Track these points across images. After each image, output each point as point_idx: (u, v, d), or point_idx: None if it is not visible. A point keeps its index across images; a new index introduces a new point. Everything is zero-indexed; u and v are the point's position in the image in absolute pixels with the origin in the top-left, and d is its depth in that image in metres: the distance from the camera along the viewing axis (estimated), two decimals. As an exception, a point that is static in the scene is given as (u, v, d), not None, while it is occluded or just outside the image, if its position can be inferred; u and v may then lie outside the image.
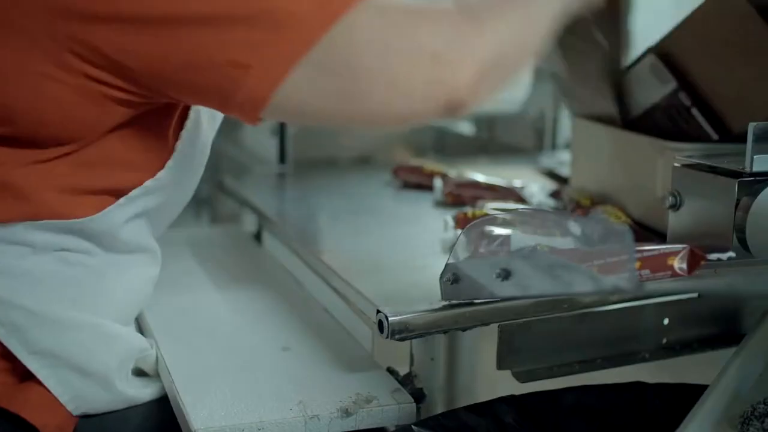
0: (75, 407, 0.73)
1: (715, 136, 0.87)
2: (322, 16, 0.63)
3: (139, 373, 0.80)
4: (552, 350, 0.81)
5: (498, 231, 0.72)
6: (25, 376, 0.72)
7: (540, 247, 0.69)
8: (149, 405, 0.78)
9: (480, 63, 0.66)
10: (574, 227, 0.74)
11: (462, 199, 1.09)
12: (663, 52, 0.94)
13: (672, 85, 0.90)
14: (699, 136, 0.88)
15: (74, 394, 0.73)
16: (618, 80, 0.97)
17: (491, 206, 1.09)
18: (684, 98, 0.89)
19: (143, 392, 0.78)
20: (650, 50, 0.95)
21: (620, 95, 0.97)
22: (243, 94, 0.64)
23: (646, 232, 0.89)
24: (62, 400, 0.72)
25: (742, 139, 0.86)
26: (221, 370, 0.78)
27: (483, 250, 0.70)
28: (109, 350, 0.74)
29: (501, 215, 0.74)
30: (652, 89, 0.93)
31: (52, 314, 0.71)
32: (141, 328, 0.88)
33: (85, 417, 0.74)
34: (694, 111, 0.88)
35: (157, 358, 0.80)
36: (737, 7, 0.85)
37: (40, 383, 0.72)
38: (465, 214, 0.98)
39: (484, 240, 0.72)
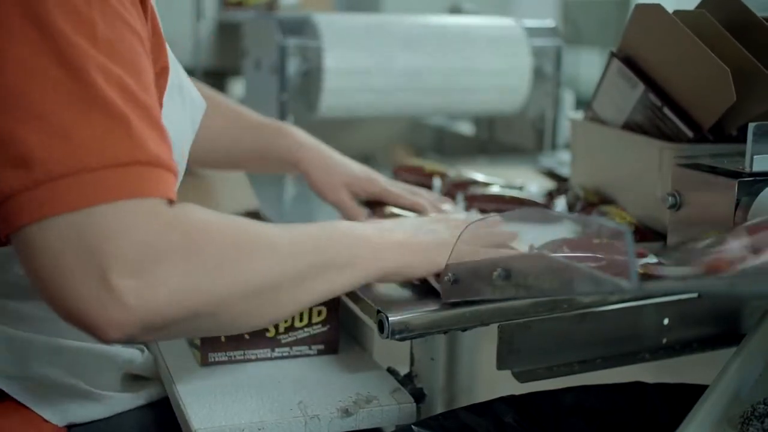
0: (61, 420, 0.72)
1: (690, 134, 0.87)
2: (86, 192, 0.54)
3: (133, 376, 0.80)
4: (552, 350, 0.81)
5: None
6: (2, 395, 0.70)
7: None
8: (145, 409, 0.78)
9: (151, 316, 0.54)
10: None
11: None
12: (623, 55, 0.95)
13: (641, 87, 0.91)
14: (678, 135, 0.88)
15: (60, 410, 0.72)
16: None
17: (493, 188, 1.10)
18: (654, 98, 0.90)
19: (135, 398, 0.77)
20: (613, 54, 0.96)
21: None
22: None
23: (649, 232, 0.89)
24: (45, 415, 0.71)
25: (716, 136, 0.87)
26: (221, 370, 0.78)
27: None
28: (93, 369, 0.73)
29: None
30: (626, 93, 0.93)
31: (29, 340, 0.70)
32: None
33: (75, 425, 0.73)
34: (666, 110, 0.89)
35: (155, 360, 0.80)
36: (661, 16, 0.86)
37: (18, 402, 0.70)
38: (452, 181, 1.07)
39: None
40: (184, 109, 0.75)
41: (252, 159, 1.03)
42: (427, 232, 0.76)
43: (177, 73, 0.74)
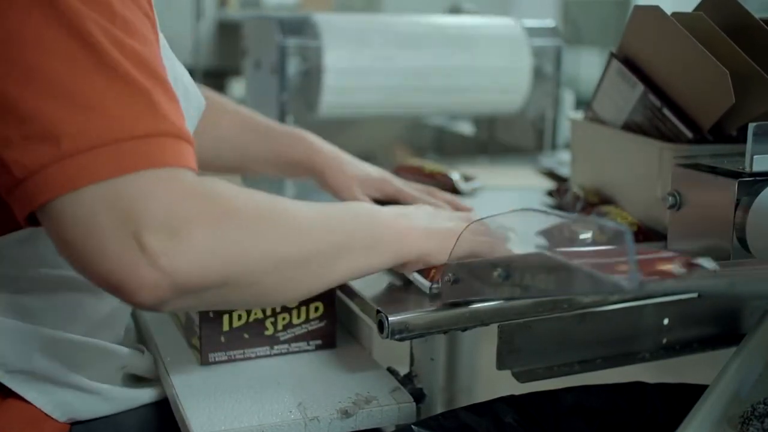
0: (62, 415, 0.72)
1: (689, 135, 0.87)
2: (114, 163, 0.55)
3: (134, 377, 0.80)
4: (552, 350, 0.81)
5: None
6: (6, 393, 0.71)
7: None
8: (147, 408, 0.78)
9: (182, 278, 0.55)
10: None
11: None
12: (623, 55, 0.95)
13: (640, 87, 0.91)
14: (677, 136, 0.88)
15: (61, 404, 0.72)
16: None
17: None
18: (654, 99, 0.90)
19: (137, 396, 0.77)
20: (613, 55, 0.96)
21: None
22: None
23: (651, 232, 0.89)
24: (46, 410, 0.71)
25: (716, 136, 0.87)
26: (220, 370, 0.77)
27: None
28: (94, 364, 0.73)
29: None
30: (626, 93, 0.93)
31: (31, 331, 0.70)
32: (140, 334, 0.88)
33: (78, 423, 0.74)
34: (666, 111, 0.89)
35: (156, 361, 0.80)
36: (659, 19, 0.86)
37: (22, 398, 0.70)
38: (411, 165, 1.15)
39: None
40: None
41: (263, 163, 1.03)
42: (443, 220, 0.77)
43: (173, 68, 0.75)
